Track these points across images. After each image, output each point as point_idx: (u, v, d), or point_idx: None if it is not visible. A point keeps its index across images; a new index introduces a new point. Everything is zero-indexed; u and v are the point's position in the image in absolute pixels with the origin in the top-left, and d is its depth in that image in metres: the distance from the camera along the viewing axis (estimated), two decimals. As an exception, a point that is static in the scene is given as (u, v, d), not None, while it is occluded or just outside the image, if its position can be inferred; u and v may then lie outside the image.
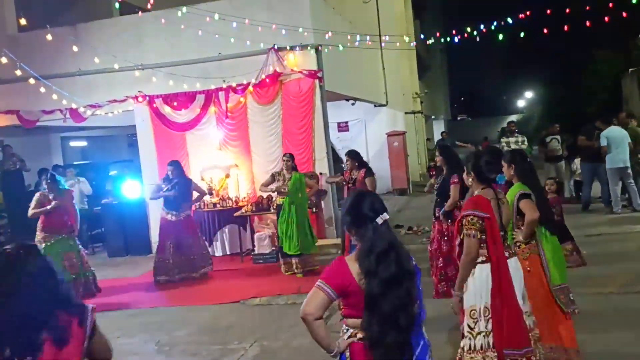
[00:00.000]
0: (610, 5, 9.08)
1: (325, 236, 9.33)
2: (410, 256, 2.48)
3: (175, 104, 9.77)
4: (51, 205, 7.17)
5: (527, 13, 9.77)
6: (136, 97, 9.88)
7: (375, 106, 15.83)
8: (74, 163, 14.11)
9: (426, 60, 28.21)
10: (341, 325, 2.49)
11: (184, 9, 9.27)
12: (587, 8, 9.44)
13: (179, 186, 7.76)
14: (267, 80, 9.36)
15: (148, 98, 9.87)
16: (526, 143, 11.50)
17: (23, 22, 8.96)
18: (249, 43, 9.30)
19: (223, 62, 9.67)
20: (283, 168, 7.78)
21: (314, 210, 9.24)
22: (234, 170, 9.75)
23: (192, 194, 8.09)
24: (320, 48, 9.46)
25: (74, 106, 10.12)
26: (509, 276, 3.35)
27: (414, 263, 2.49)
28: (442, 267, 6.02)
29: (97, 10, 12.37)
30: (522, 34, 10.73)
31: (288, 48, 9.39)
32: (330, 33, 9.80)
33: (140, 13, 9.79)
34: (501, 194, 3.64)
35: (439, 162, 6.34)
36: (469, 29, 10.39)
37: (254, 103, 9.57)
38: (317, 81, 9.36)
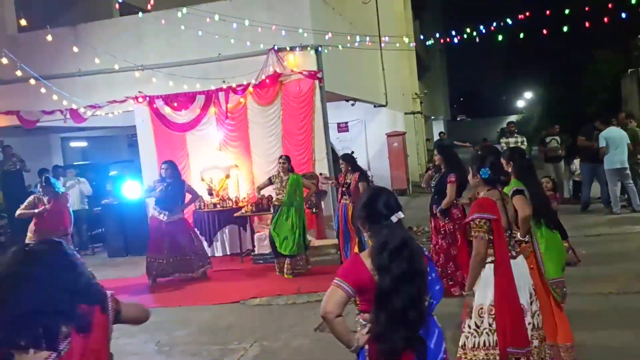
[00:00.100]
0: (609, 5, 9.10)
1: (325, 236, 9.34)
2: (423, 251, 2.52)
3: (175, 105, 9.78)
4: (38, 210, 7.12)
5: (527, 13, 9.79)
6: (136, 98, 9.89)
7: (375, 107, 15.84)
8: (74, 163, 14.13)
9: (426, 60, 28.22)
10: (357, 320, 2.53)
11: (184, 10, 9.28)
12: (587, 8, 9.45)
13: (172, 187, 7.74)
14: (267, 80, 9.37)
15: (148, 98, 9.87)
16: (526, 143, 11.51)
17: (23, 23, 8.95)
18: (249, 44, 9.31)
19: (223, 63, 9.67)
20: (279, 170, 7.81)
21: (314, 210, 9.25)
22: (234, 170, 9.76)
23: (185, 196, 8.05)
24: (320, 49, 9.47)
25: (74, 107, 10.12)
26: (512, 275, 3.39)
27: (427, 253, 2.54)
28: (443, 265, 6.03)
29: (97, 10, 12.37)
30: (522, 35, 10.74)
31: (288, 49, 9.40)
32: (330, 34, 9.81)
33: (140, 13, 9.79)
34: (506, 195, 3.69)
35: (438, 161, 6.36)
36: (469, 30, 10.41)
37: (254, 104, 9.58)
38: (317, 82, 9.37)
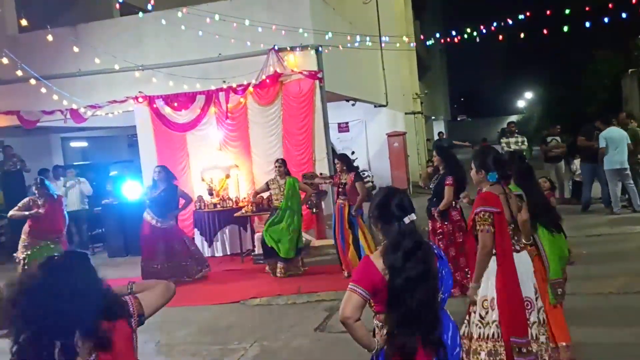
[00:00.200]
0: (609, 5, 9.09)
1: (325, 236, 9.34)
2: (434, 250, 2.54)
3: (175, 105, 9.78)
4: (30, 212, 7.09)
5: (527, 13, 9.78)
6: (136, 98, 9.89)
7: (375, 107, 15.84)
8: (74, 163, 14.13)
9: (426, 60, 28.20)
10: (372, 321, 2.56)
11: (184, 10, 9.29)
12: (587, 8, 9.44)
13: (166, 193, 7.69)
14: (267, 80, 9.37)
15: (148, 98, 9.88)
16: (526, 143, 11.50)
17: (24, 23, 8.94)
18: (249, 44, 9.32)
19: (223, 63, 9.68)
20: (276, 174, 7.81)
21: (314, 210, 9.25)
22: (234, 170, 9.76)
23: (179, 201, 8.02)
24: (320, 49, 9.47)
25: (74, 107, 10.12)
26: (514, 268, 3.45)
27: (437, 251, 2.55)
28: None
29: (98, 10, 12.37)
30: (522, 35, 10.73)
31: (288, 49, 9.40)
32: (330, 34, 9.81)
33: (140, 14, 9.80)
34: (508, 189, 3.74)
35: (436, 162, 6.39)
36: (469, 30, 10.40)
37: (254, 104, 9.58)
38: (317, 82, 9.37)
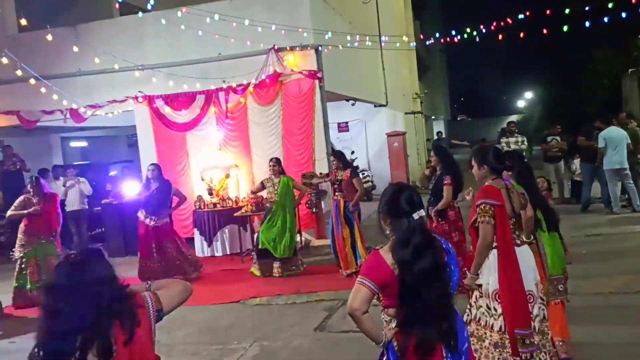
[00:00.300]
0: (609, 5, 9.10)
1: (325, 236, 9.33)
2: (443, 245, 2.56)
3: (175, 104, 9.79)
4: (28, 210, 7.10)
5: (527, 13, 9.78)
6: (136, 98, 9.89)
7: (375, 106, 15.84)
8: (74, 163, 14.12)
9: (426, 60, 28.20)
10: (381, 316, 2.58)
11: (184, 10, 9.29)
12: (587, 8, 9.44)
13: (159, 192, 7.68)
14: (267, 80, 9.38)
15: (148, 98, 9.89)
16: (526, 143, 11.48)
17: (23, 23, 8.95)
18: (249, 43, 9.32)
19: (223, 63, 9.68)
20: (270, 173, 7.81)
21: (314, 210, 9.25)
22: (234, 170, 9.77)
23: (173, 200, 7.99)
24: (320, 48, 9.47)
25: (74, 106, 10.13)
26: (516, 261, 3.48)
27: (445, 246, 2.58)
28: None
29: (97, 10, 12.38)
30: (522, 35, 10.73)
31: (288, 48, 9.40)
32: (330, 33, 9.82)
33: (140, 13, 9.80)
34: (512, 185, 3.77)
35: (434, 162, 6.43)
36: (469, 30, 10.41)
37: (254, 103, 9.59)
38: (317, 81, 9.38)
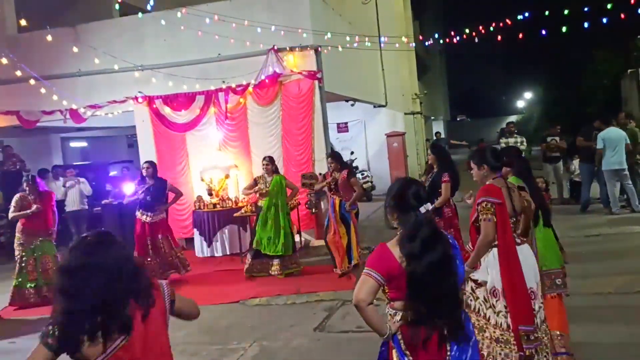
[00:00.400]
0: (609, 5, 9.11)
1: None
2: (450, 240, 2.60)
3: (175, 105, 9.80)
4: (32, 209, 7.16)
5: (527, 14, 9.79)
6: (136, 98, 9.90)
7: (374, 107, 15.85)
8: (74, 163, 14.13)
9: (425, 61, 28.19)
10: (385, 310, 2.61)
11: (184, 10, 9.30)
12: (586, 9, 9.45)
13: (154, 188, 7.69)
14: (267, 81, 9.38)
15: (148, 99, 9.89)
16: (525, 144, 11.49)
17: (23, 23, 8.96)
18: (249, 44, 9.33)
19: (223, 63, 9.69)
20: (264, 172, 7.82)
21: (314, 210, 9.26)
22: (234, 170, 9.77)
23: (168, 196, 8.00)
24: (319, 49, 9.48)
25: (74, 107, 10.14)
26: (517, 259, 3.50)
27: (451, 240, 2.62)
28: None
29: (97, 11, 12.38)
30: (522, 35, 10.74)
31: (287, 49, 9.41)
32: (329, 34, 9.82)
33: (140, 14, 9.81)
34: (511, 183, 3.81)
35: (431, 161, 6.46)
36: (469, 30, 10.42)
37: (254, 104, 9.60)
38: (317, 82, 9.38)
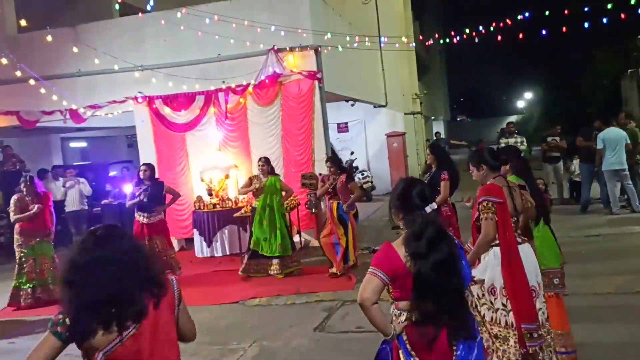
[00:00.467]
0: (609, 5, 9.11)
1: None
2: (455, 240, 2.61)
3: (175, 105, 9.79)
4: (33, 210, 7.15)
5: (527, 14, 9.79)
6: (136, 98, 9.90)
7: (374, 107, 15.85)
8: (74, 164, 14.14)
9: (426, 61, 28.18)
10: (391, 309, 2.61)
11: (184, 10, 9.30)
12: (586, 9, 9.45)
13: (151, 190, 7.69)
14: (267, 81, 9.38)
15: (148, 99, 9.89)
16: (525, 144, 11.49)
17: (23, 23, 8.95)
18: (249, 44, 9.33)
19: (223, 63, 9.69)
20: (259, 172, 7.82)
21: (314, 210, 9.25)
22: (234, 171, 9.77)
23: (165, 197, 7.99)
24: (319, 49, 9.48)
25: (74, 107, 10.14)
26: (519, 257, 3.51)
27: (456, 241, 2.64)
28: None
29: (97, 11, 12.38)
30: (522, 35, 10.74)
31: (287, 49, 9.41)
32: (329, 34, 9.82)
33: (140, 14, 9.81)
34: (512, 182, 3.83)
35: (429, 160, 6.47)
36: (469, 30, 10.42)
37: (254, 104, 9.59)
38: (317, 82, 9.38)
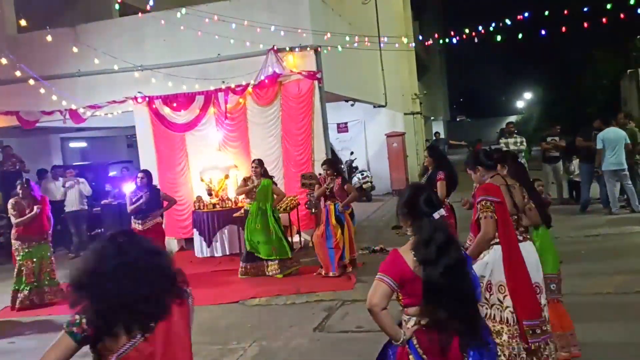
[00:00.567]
0: (608, 6, 9.11)
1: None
2: (461, 246, 2.63)
3: (174, 105, 9.80)
4: (33, 212, 7.14)
5: (526, 14, 9.79)
6: (135, 98, 9.90)
7: (374, 107, 15.85)
8: (74, 164, 14.13)
9: (425, 61, 28.19)
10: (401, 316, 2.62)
11: (184, 10, 9.30)
12: (586, 9, 9.45)
13: (148, 196, 7.67)
14: (267, 81, 9.38)
15: (147, 99, 9.89)
16: (525, 144, 11.49)
17: (23, 23, 8.94)
18: (249, 44, 9.33)
19: (222, 63, 9.69)
20: (252, 174, 7.81)
21: (314, 211, 9.26)
22: (234, 171, 9.77)
23: (162, 203, 7.99)
24: (319, 49, 9.48)
25: (74, 107, 10.13)
26: (521, 255, 3.53)
27: (463, 252, 2.65)
28: None
29: (97, 11, 12.38)
30: (521, 35, 10.74)
31: (287, 49, 9.41)
32: (329, 34, 9.82)
33: (140, 14, 9.81)
34: (511, 180, 3.85)
35: (427, 163, 6.46)
36: (469, 30, 10.41)
37: (254, 104, 9.60)
38: (317, 82, 9.38)
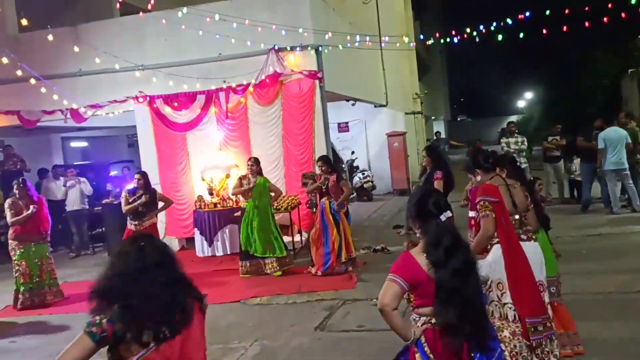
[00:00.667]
0: (609, 5, 9.11)
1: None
2: (469, 249, 2.65)
3: (175, 105, 9.80)
4: (29, 211, 7.14)
5: (527, 13, 9.79)
6: (136, 98, 9.90)
7: (375, 107, 15.85)
8: (75, 163, 14.14)
9: (426, 60, 28.21)
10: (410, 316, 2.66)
11: (185, 10, 9.30)
12: (587, 8, 9.45)
13: (147, 198, 7.70)
14: (267, 80, 9.38)
15: (148, 98, 9.90)
16: (526, 143, 11.48)
17: (24, 23, 8.95)
18: (250, 43, 9.33)
19: (223, 63, 9.69)
20: (248, 173, 7.81)
21: (314, 210, 9.25)
22: (234, 170, 9.77)
23: (158, 204, 8.02)
24: (320, 48, 9.48)
25: (75, 106, 10.14)
26: (522, 253, 3.56)
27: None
28: None
29: (98, 10, 12.39)
30: (522, 35, 10.73)
31: (288, 48, 9.41)
32: (330, 33, 9.82)
33: (141, 14, 9.82)
34: (511, 180, 3.88)
35: (425, 163, 6.48)
36: (469, 30, 10.40)
37: (254, 103, 9.60)
38: (318, 82, 9.39)
